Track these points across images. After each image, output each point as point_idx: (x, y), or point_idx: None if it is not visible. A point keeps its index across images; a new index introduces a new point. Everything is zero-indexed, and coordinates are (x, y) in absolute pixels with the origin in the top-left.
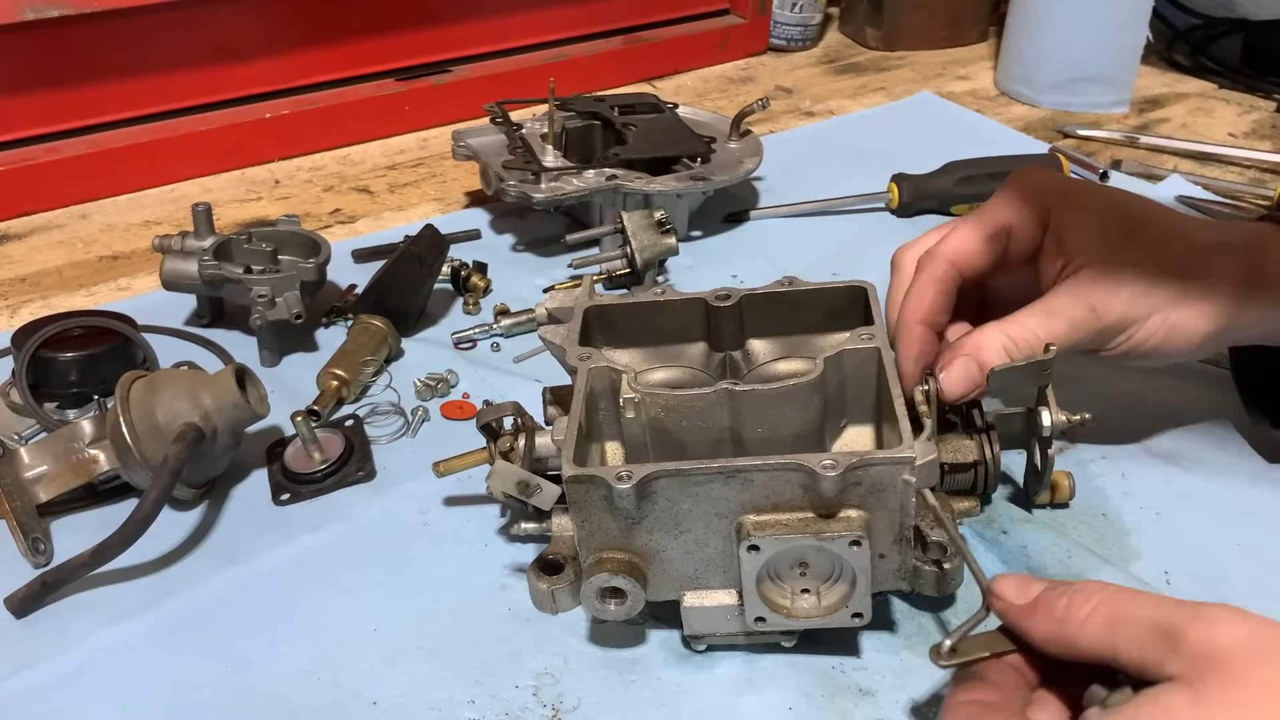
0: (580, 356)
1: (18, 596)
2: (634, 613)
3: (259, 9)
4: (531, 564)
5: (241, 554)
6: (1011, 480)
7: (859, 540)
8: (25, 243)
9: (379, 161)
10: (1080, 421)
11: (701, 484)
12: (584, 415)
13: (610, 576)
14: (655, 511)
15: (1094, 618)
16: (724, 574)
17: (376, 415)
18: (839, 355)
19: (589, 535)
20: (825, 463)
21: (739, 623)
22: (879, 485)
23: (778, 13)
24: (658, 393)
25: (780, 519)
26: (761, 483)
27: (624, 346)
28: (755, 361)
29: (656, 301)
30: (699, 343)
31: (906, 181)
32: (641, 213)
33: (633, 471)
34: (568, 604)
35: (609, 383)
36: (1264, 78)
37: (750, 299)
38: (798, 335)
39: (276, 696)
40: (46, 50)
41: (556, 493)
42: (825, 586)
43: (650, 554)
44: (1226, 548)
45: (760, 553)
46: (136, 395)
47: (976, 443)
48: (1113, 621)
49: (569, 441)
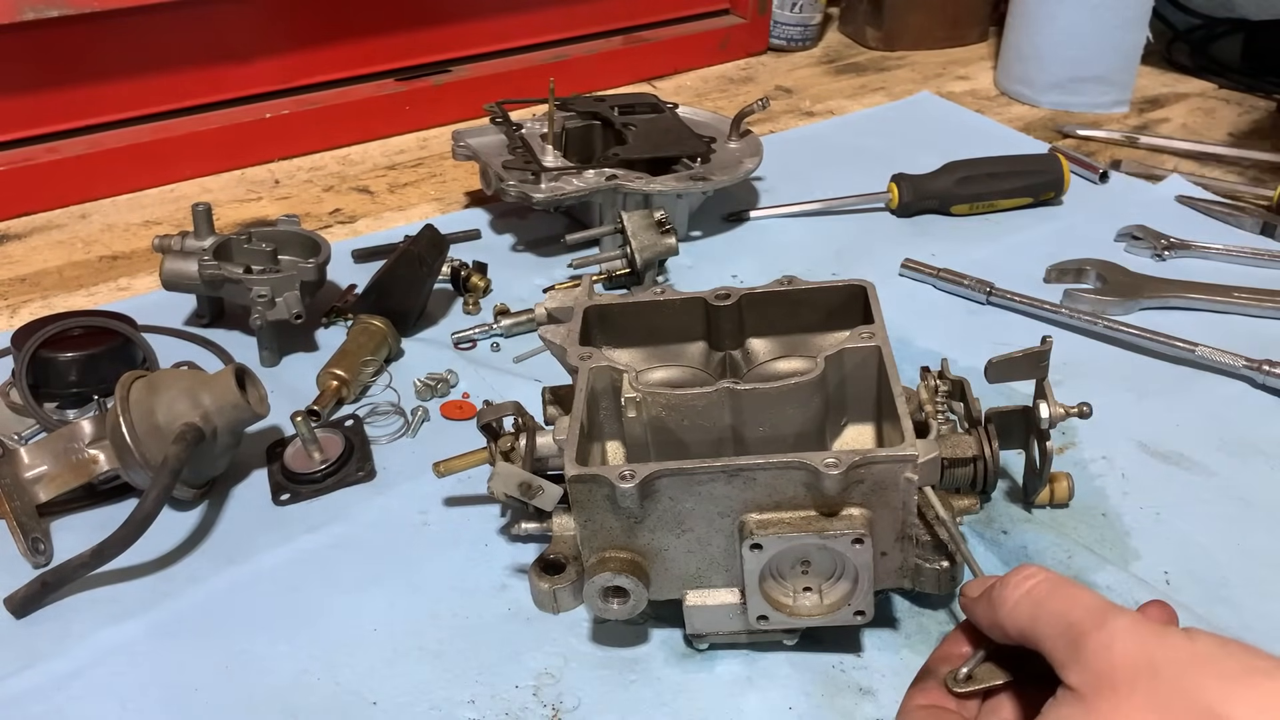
0: (581, 356)
1: (18, 596)
2: (636, 612)
3: (259, 9)
4: (533, 564)
5: (241, 554)
6: (1011, 479)
7: (861, 538)
8: (25, 243)
9: (379, 161)
10: (1079, 413)
11: (704, 483)
12: (585, 415)
13: (613, 576)
14: (658, 510)
15: (1021, 603)
16: (726, 573)
17: (376, 415)
18: (839, 354)
19: (591, 535)
20: (828, 461)
21: (741, 621)
22: (881, 483)
23: (778, 13)
24: (659, 392)
25: (783, 517)
26: (764, 481)
27: (624, 346)
28: (755, 360)
29: (656, 301)
30: (699, 342)
31: (906, 181)
32: (641, 213)
33: (636, 471)
34: (569, 604)
35: (610, 382)
36: (1264, 78)
37: (750, 298)
38: (797, 334)
39: (276, 696)
40: (47, 50)
41: (559, 494)
42: (827, 585)
43: (653, 553)
44: (1226, 548)
45: (763, 551)
46: (136, 395)
47: (975, 438)
48: (1035, 610)
49: (571, 441)
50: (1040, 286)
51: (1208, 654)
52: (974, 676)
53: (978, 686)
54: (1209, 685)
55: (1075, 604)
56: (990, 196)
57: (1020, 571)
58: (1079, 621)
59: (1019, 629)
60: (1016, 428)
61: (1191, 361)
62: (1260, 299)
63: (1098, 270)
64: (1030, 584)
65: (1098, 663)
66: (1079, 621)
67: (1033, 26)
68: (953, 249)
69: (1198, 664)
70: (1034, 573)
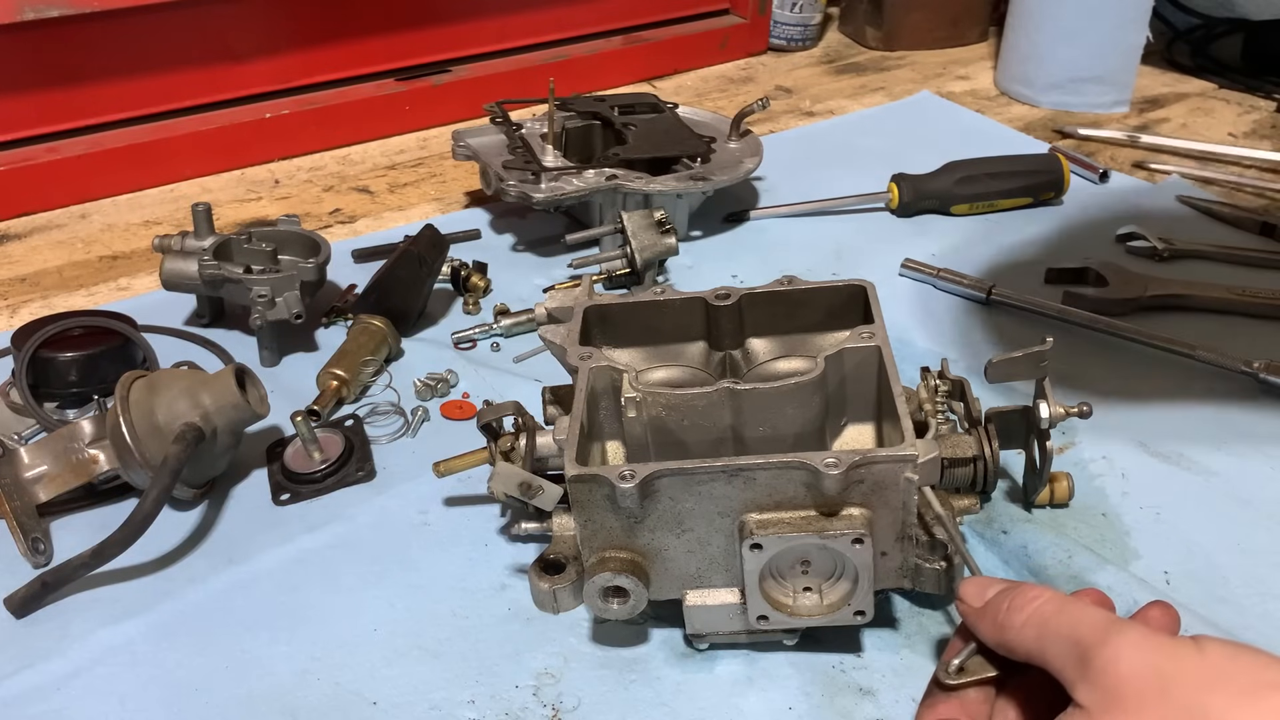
0: (581, 356)
1: (18, 596)
2: (637, 611)
3: (259, 9)
4: (533, 564)
5: (241, 554)
6: (1011, 478)
7: (861, 538)
8: (25, 243)
9: (379, 161)
10: (1079, 413)
11: (704, 483)
12: (585, 415)
13: (613, 575)
14: (658, 510)
15: (1028, 624)
16: (726, 572)
17: (376, 415)
18: (839, 354)
19: (592, 534)
20: (828, 461)
21: (741, 621)
22: (881, 483)
23: (778, 13)
24: (659, 392)
25: (783, 517)
26: (764, 481)
27: (624, 346)
28: (755, 360)
29: (656, 301)
30: (699, 342)
31: (906, 181)
32: (641, 213)
33: (636, 471)
34: (569, 603)
35: (610, 382)
36: (1264, 78)
37: (750, 298)
38: (797, 334)
39: (276, 696)
40: (47, 50)
41: (559, 493)
42: (828, 584)
43: (653, 553)
44: (1226, 548)
45: (763, 551)
46: (136, 395)
47: (975, 438)
48: (1041, 630)
49: (571, 441)
50: (1040, 286)
51: (1218, 668)
52: (965, 669)
53: (969, 679)
54: (1219, 702)
55: (1081, 621)
56: (990, 196)
57: (1025, 592)
58: (1085, 637)
59: (1026, 649)
60: (1016, 428)
61: (1191, 362)
62: (1260, 299)
63: (1098, 270)
64: (1035, 604)
65: (1105, 679)
66: (1085, 637)
67: (1033, 26)
68: (953, 249)
69: (1208, 679)
70: (1039, 593)
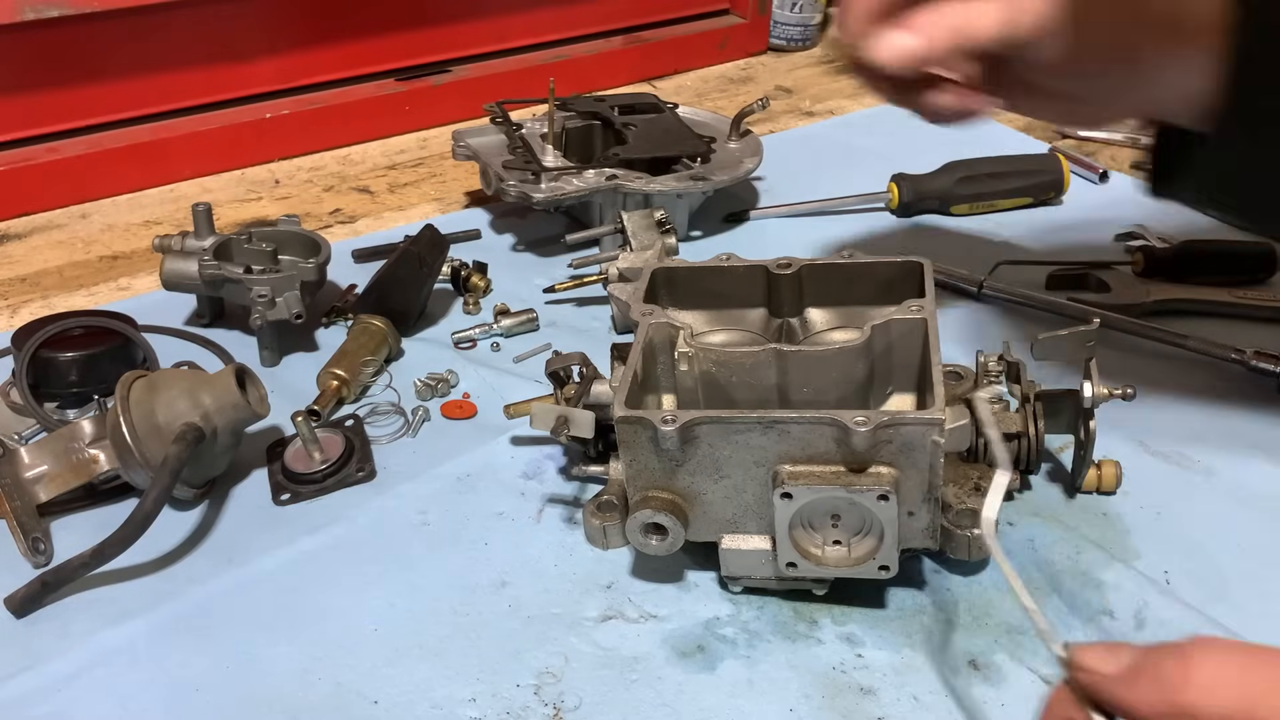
0: (643, 312)
1: (18, 596)
2: (674, 549)
3: (259, 9)
4: (587, 502)
5: (241, 554)
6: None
7: (887, 495)
8: (25, 243)
9: (379, 161)
10: (1123, 395)
11: (741, 432)
12: (640, 365)
13: (654, 513)
14: (697, 455)
15: (1223, 683)
16: (760, 520)
17: (376, 415)
18: (886, 324)
19: (636, 474)
20: (857, 419)
21: (772, 568)
22: (909, 444)
23: (778, 13)
24: (710, 347)
25: (814, 470)
26: (797, 434)
27: (688, 308)
28: (812, 329)
29: (720, 266)
30: (759, 309)
31: (906, 181)
32: (641, 213)
33: (677, 416)
34: (617, 541)
35: (667, 337)
36: None
37: (810, 268)
38: (854, 306)
39: (277, 696)
40: (46, 50)
41: (590, 419)
42: (856, 539)
43: (692, 496)
44: (1226, 547)
45: (793, 500)
46: (136, 395)
47: (1021, 415)
48: (1247, 687)
49: (623, 386)
50: (1040, 286)
51: None
52: None
53: None
54: None
55: None
56: (990, 196)
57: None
58: None
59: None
60: (1065, 411)
61: (1192, 362)
62: (1261, 299)
63: (1098, 270)
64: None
65: None
66: None
67: None
68: (953, 249)
69: None
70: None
